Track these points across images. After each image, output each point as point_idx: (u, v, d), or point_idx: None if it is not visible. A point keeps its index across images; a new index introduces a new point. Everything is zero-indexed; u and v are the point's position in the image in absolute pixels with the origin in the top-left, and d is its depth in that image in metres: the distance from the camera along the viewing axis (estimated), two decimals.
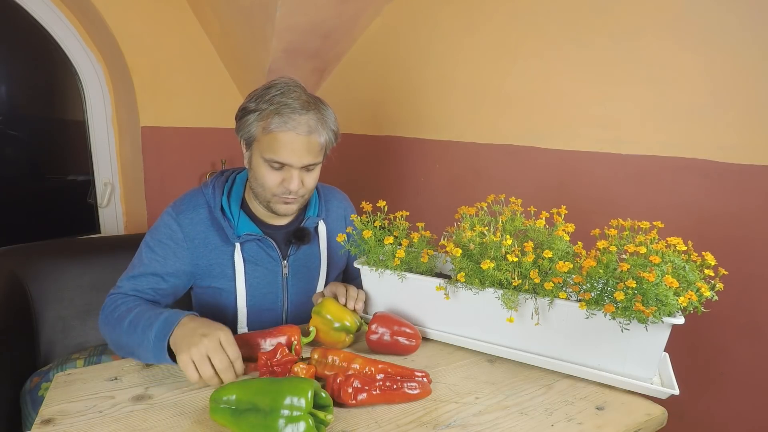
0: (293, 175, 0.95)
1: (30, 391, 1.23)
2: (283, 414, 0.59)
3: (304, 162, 0.95)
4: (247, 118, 0.96)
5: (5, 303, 1.30)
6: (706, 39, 1.01)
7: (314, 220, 1.09)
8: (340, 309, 0.88)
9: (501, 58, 1.42)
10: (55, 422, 0.66)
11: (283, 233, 1.08)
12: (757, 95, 0.95)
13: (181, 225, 0.99)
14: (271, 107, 0.93)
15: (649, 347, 0.72)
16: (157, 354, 0.79)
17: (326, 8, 1.67)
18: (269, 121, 0.92)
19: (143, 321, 0.84)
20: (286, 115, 0.92)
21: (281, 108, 0.92)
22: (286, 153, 0.93)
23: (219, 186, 1.04)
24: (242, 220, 1.03)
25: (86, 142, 2.04)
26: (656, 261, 0.70)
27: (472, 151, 1.53)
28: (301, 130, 0.92)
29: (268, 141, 0.93)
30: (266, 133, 0.93)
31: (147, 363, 0.84)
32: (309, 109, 0.94)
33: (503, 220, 0.87)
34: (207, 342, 0.74)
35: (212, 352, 0.74)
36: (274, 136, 0.92)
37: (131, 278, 0.97)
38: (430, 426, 0.67)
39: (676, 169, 1.08)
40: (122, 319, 0.87)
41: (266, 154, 0.94)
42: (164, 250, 0.98)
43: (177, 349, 0.75)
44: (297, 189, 0.96)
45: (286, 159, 0.93)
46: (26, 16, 1.81)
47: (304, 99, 0.95)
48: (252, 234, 1.01)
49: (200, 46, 2.01)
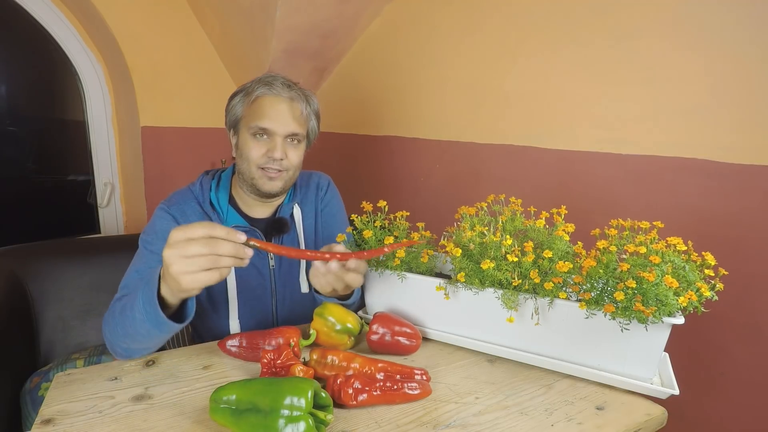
0: (277, 144, 1.00)
1: (30, 391, 1.24)
2: (283, 414, 0.59)
3: (287, 128, 1.00)
4: (232, 102, 1.05)
5: (5, 303, 1.30)
6: (706, 39, 1.01)
7: (289, 207, 1.12)
8: (342, 311, 0.88)
9: (501, 58, 1.42)
10: (55, 422, 0.66)
11: (266, 224, 1.10)
12: (757, 95, 0.95)
13: (174, 216, 1.02)
14: (254, 82, 1.03)
15: (649, 347, 0.72)
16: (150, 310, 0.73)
17: (326, 8, 1.67)
18: (254, 91, 1.01)
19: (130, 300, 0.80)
20: (269, 83, 1.01)
21: (264, 78, 1.02)
22: (271, 117, 0.99)
23: (206, 182, 1.09)
24: (230, 213, 1.07)
25: (86, 142, 2.04)
26: (656, 261, 0.70)
27: (472, 151, 1.53)
28: (285, 96, 1.01)
29: (253, 110, 1.00)
30: (250, 104, 1.01)
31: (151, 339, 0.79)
32: (291, 84, 1.04)
33: (503, 220, 0.87)
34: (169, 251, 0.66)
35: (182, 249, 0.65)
36: (259, 101, 1.00)
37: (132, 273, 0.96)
38: (430, 426, 0.67)
39: (676, 169, 1.08)
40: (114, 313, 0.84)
41: (251, 122, 1.00)
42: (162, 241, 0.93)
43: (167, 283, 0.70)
44: (281, 158, 1.00)
45: (271, 124, 0.99)
46: (26, 16, 1.82)
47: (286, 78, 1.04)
48: (240, 226, 1.05)
49: (200, 46, 2.01)
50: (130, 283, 0.95)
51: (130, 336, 0.80)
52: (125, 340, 0.81)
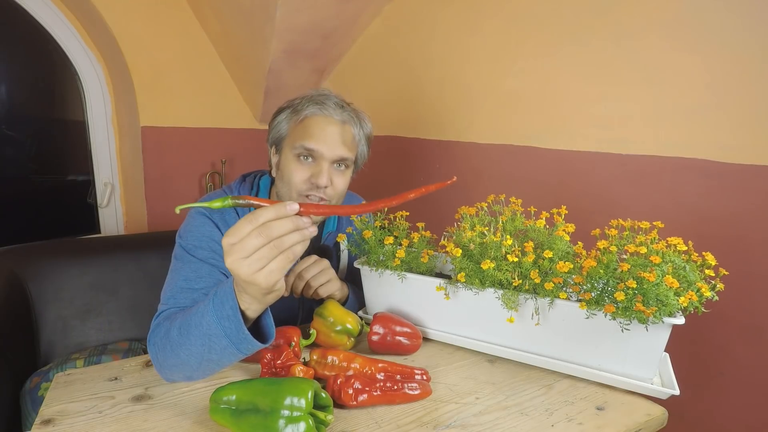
0: (323, 169, 0.92)
1: (30, 391, 1.23)
2: (284, 414, 0.59)
3: (336, 152, 0.92)
4: (278, 118, 0.98)
5: (5, 303, 1.30)
6: (706, 39, 1.01)
7: (334, 235, 1.08)
8: (342, 311, 0.88)
9: (501, 58, 1.42)
10: (55, 422, 0.66)
11: (308, 250, 1.04)
12: (757, 95, 0.95)
13: (216, 223, 0.94)
14: (305, 98, 0.95)
15: (650, 347, 0.72)
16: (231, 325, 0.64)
17: (326, 8, 1.67)
18: (304, 109, 0.94)
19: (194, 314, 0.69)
20: (322, 102, 0.94)
21: (317, 97, 0.95)
22: (319, 138, 0.92)
23: (245, 191, 1.02)
24: None
25: (86, 142, 2.04)
26: (656, 261, 0.70)
27: (472, 151, 1.53)
28: (336, 117, 0.94)
29: (300, 129, 0.93)
30: (298, 122, 0.94)
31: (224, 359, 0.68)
32: (345, 106, 0.97)
33: (503, 220, 0.87)
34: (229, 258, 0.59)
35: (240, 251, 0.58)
36: (308, 121, 0.93)
37: (181, 290, 0.85)
38: (431, 426, 0.67)
39: (676, 169, 1.08)
40: (169, 333, 0.73)
41: (297, 142, 0.93)
42: (209, 249, 0.90)
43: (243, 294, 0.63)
44: (325, 185, 0.92)
45: (319, 145, 0.92)
46: (26, 16, 1.81)
47: (340, 98, 0.98)
48: None
49: (200, 46, 2.01)
50: (177, 294, 0.84)
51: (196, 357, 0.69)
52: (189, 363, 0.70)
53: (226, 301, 0.64)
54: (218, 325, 0.65)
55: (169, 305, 0.82)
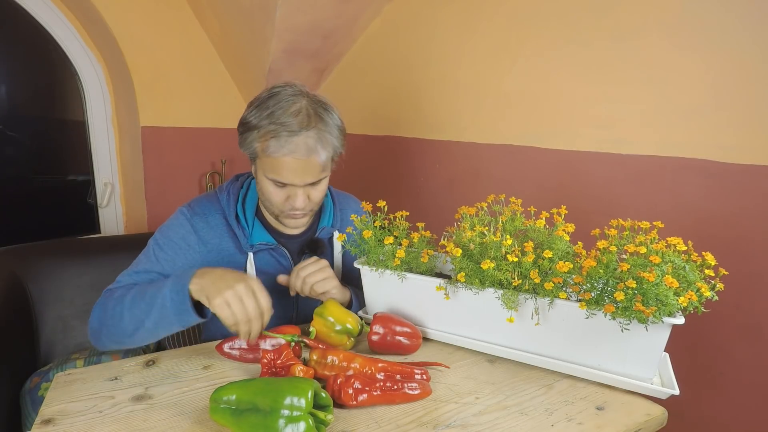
0: (297, 194, 0.94)
1: (30, 391, 1.23)
2: (283, 414, 0.59)
3: (306, 181, 0.93)
4: (247, 135, 0.94)
5: (5, 303, 1.30)
6: (706, 39, 1.01)
7: (329, 231, 1.08)
8: (342, 311, 0.88)
9: (501, 58, 1.42)
10: (55, 422, 0.66)
11: (297, 243, 1.06)
12: (757, 95, 0.95)
13: (195, 227, 0.99)
14: (269, 127, 0.89)
15: (649, 347, 0.72)
16: (179, 306, 0.80)
17: (326, 8, 1.67)
18: (267, 143, 0.90)
19: (150, 290, 0.84)
20: (283, 139, 0.88)
21: (279, 130, 0.88)
22: (287, 175, 0.91)
23: (234, 192, 1.03)
24: (256, 228, 1.01)
25: (86, 142, 2.04)
26: (656, 261, 0.70)
27: (472, 151, 1.53)
28: (300, 154, 0.89)
29: (269, 163, 0.92)
30: (266, 156, 0.91)
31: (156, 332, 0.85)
32: (309, 128, 0.89)
33: (503, 220, 0.87)
34: (242, 287, 0.77)
35: (246, 296, 0.77)
36: (273, 160, 0.90)
37: (134, 273, 0.95)
38: (430, 426, 0.67)
39: (676, 169, 1.08)
40: (122, 298, 0.87)
41: (269, 174, 0.93)
42: (174, 249, 0.97)
43: (208, 294, 0.78)
44: (303, 206, 0.95)
45: (288, 180, 0.92)
46: (26, 16, 1.81)
47: (304, 114, 0.90)
48: (265, 243, 1.00)
49: (200, 46, 2.01)
50: (127, 280, 0.94)
51: (135, 321, 0.84)
52: (124, 326, 0.85)
53: (182, 280, 0.80)
54: (168, 296, 0.81)
55: (121, 282, 0.94)
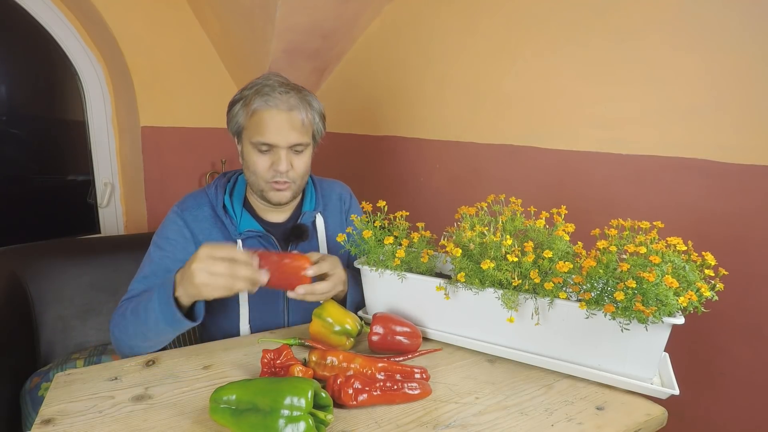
0: (281, 156, 0.99)
1: (30, 391, 1.24)
2: (283, 414, 0.59)
3: (289, 140, 0.98)
4: (233, 108, 1.02)
5: (5, 303, 1.30)
6: (706, 39, 1.01)
7: (311, 215, 1.11)
8: (340, 312, 0.88)
9: (501, 58, 1.42)
10: (55, 422, 0.66)
11: (283, 230, 1.09)
12: (757, 95, 0.95)
13: (186, 221, 1.03)
14: (252, 90, 0.99)
15: (649, 347, 0.72)
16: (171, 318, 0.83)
17: (326, 8, 1.67)
18: (251, 102, 0.98)
19: (143, 299, 0.88)
20: (266, 94, 0.97)
21: (262, 88, 0.98)
22: (271, 131, 0.97)
23: (221, 186, 1.08)
24: (244, 217, 1.06)
25: (86, 142, 2.05)
26: (656, 261, 0.70)
27: (472, 151, 1.53)
28: (282, 107, 0.97)
29: (253, 124, 0.99)
30: (250, 117, 0.99)
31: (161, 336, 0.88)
32: (289, 90, 0.99)
33: (503, 220, 0.87)
34: (196, 265, 0.78)
35: (209, 265, 0.78)
36: (257, 116, 0.98)
37: (142, 279, 0.99)
38: (430, 426, 0.67)
39: (676, 169, 1.08)
40: (125, 313, 0.91)
41: (253, 137, 0.99)
42: (172, 245, 1.01)
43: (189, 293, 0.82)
44: (286, 170, 0.99)
45: (272, 138, 0.97)
46: (26, 16, 1.82)
47: (284, 82, 1.01)
48: (253, 230, 1.04)
49: (200, 46, 2.01)
50: (138, 287, 0.98)
51: (140, 334, 0.88)
52: (134, 339, 0.89)
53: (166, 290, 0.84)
54: (158, 308, 0.84)
55: (130, 294, 0.98)
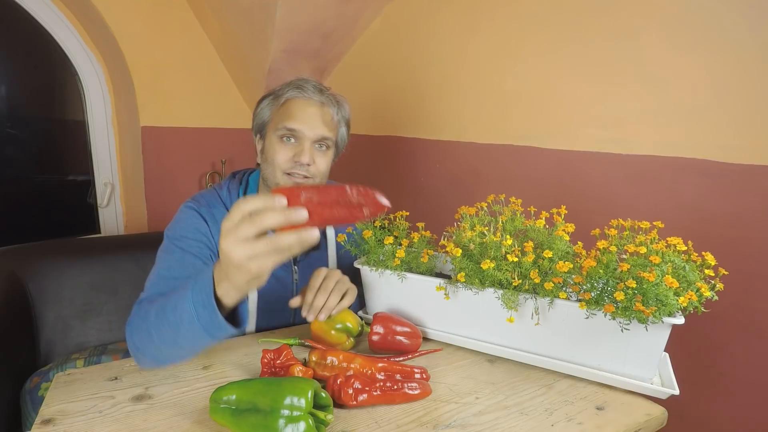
0: (305, 148, 0.97)
1: (30, 391, 1.23)
2: (283, 414, 0.59)
3: (316, 132, 0.97)
4: (260, 105, 1.03)
5: (5, 303, 1.29)
6: (706, 39, 1.01)
7: None
8: (342, 311, 0.88)
9: (501, 58, 1.42)
10: (55, 422, 0.66)
11: None
12: (757, 95, 0.95)
13: (204, 217, 0.98)
14: (286, 86, 1.00)
15: (649, 347, 0.72)
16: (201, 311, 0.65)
17: (326, 8, 1.67)
18: (284, 93, 0.99)
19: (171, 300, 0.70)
20: (301, 87, 0.99)
21: (297, 82, 1.00)
22: (300, 118, 0.97)
23: (234, 188, 1.05)
24: None
25: (86, 142, 2.04)
26: (656, 261, 0.70)
27: (472, 151, 1.53)
28: (315, 99, 0.99)
29: (282, 112, 0.98)
30: (280, 106, 0.99)
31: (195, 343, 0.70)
32: (323, 92, 1.01)
33: (503, 220, 0.87)
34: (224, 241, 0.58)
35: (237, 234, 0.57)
36: (289, 104, 0.98)
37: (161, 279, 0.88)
38: (430, 426, 0.67)
39: (676, 169, 1.08)
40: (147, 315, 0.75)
41: (279, 124, 0.97)
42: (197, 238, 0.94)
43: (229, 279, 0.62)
44: (308, 162, 0.96)
45: (299, 125, 0.96)
46: (26, 16, 1.81)
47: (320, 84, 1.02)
48: None
49: (200, 46, 2.01)
50: (159, 282, 0.87)
51: (169, 340, 0.71)
52: (161, 346, 0.73)
53: (204, 289, 0.65)
54: (194, 311, 0.65)
55: (149, 293, 0.86)
